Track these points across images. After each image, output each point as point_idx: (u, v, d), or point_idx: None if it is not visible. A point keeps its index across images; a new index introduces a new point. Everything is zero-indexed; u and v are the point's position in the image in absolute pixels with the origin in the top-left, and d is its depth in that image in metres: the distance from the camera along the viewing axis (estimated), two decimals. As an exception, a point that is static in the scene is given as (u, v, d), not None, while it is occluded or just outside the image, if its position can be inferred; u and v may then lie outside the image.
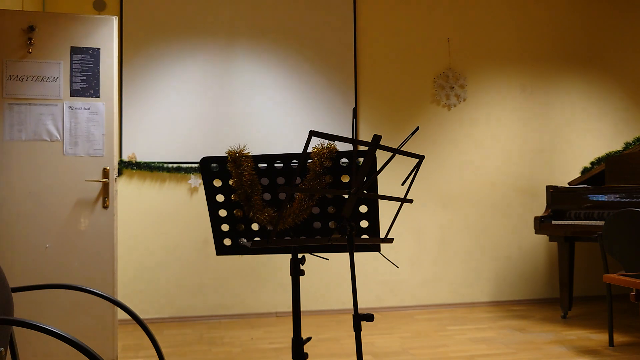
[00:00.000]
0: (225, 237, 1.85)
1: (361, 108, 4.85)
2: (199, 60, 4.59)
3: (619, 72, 5.40)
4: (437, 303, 4.90)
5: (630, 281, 2.64)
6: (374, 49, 4.92)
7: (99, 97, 3.29)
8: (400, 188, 4.74)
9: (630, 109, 5.41)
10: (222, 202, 1.82)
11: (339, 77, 4.82)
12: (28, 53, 3.20)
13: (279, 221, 1.64)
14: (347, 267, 4.61)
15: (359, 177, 1.64)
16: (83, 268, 3.21)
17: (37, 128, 3.21)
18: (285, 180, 1.78)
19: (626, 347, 3.46)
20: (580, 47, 5.34)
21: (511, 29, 5.20)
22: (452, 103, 5.03)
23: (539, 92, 5.23)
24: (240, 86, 4.62)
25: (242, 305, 4.54)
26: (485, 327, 4.10)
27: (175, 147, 4.51)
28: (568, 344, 3.56)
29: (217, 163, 1.82)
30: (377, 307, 4.75)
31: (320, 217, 1.79)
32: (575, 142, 5.27)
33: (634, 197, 3.89)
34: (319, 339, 3.81)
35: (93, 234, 3.24)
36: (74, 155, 3.24)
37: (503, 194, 5.09)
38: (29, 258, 3.15)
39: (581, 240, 4.28)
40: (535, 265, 5.12)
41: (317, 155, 1.73)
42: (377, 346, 3.60)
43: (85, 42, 3.29)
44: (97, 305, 3.19)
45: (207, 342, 3.79)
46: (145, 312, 4.36)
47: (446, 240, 4.96)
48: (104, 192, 3.26)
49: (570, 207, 4.28)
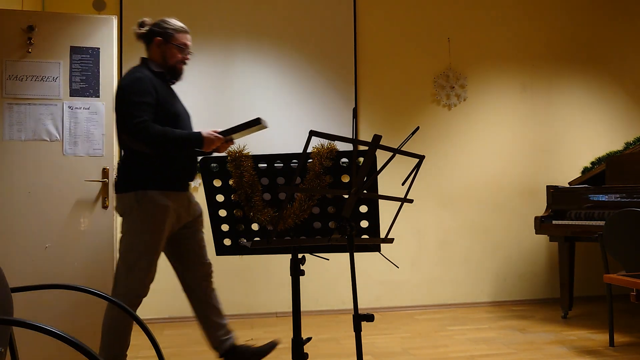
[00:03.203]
0: (225, 237, 1.85)
1: (361, 108, 4.84)
2: (199, 60, 4.59)
3: (619, 72, 5.39)
4: (437, 303, 4.90)
5: (631, 281, 2.64)
6: (374, 49, 4.92)
7: (99, 97, 3.28)
8: (401, 188, 4.73)
9: (630, 109, 5.40)
10: (222, 202, 1.82)
11: (339, 77, 4.81)
12: (28, 53, 3.20)
13: (279, 221, 1.64)
14: (347, 267, 4.61)
15: (359, 177, 1.63)
16: (83, 268, 3.20)
17: (37, 128, 3.20)
18: (285, 181, 1.77)
19: (626, 347, 3.46)
20: (580, 47, 5.33)
21: (511, 29, 5.19)
22: (452, 103, 5.03)
23: (539, 92, 5.23)
24: (240, 86, 4.62)
25: (242, 305, 4.54)
26: (485, 327, 4.10)
27: (175, 147, 4.50)
28: (568, 344, 3.56)
29: (217, 163, 1.82)
30: (377, 307, 4.74)
31: (321, 217, 1.79)
32: (575, 142, 5.26)
33: (634, 197, 3.89)
34: (319, 339, 3.81)
35: (93, 234, 3.23)
36: (73, 155, 3.24)
37: (503, 194, 5.08)
38: (29, 258, 3.14)
39: (581, 240, 4.28)
40: (536, 265, 5.12)
41: (317, 155, 1.73)
42: (377, 346, 3.59)
43: (85, 42, 3.29)
44: (97, 305, 3.18)
45: (207, 342, 3.78)
46: (145, 312, 4.36)
47: (446, 240, 4.96)
48: (104, 192, 3.25)
49: (570, 207, 4.28)
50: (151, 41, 2.78)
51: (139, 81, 2.59)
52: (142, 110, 2.51)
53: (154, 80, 2.65)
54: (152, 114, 2.55)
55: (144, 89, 2.56)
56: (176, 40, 2.75)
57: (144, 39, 2.82)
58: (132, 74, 2.65)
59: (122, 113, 2.59)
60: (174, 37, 2.75)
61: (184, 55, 2.78)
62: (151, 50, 2.79)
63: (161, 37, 2.75)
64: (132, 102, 2.53)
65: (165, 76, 2.76)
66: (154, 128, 2.50)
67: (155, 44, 2.76)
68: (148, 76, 2.64)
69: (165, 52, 2.75)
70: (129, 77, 2.64)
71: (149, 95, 2.56)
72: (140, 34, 2.82)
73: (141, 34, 2.81)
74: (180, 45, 2.76)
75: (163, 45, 2.75)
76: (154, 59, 2.77)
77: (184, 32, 2.80)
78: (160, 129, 2.52)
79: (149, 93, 2.57)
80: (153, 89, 2.60)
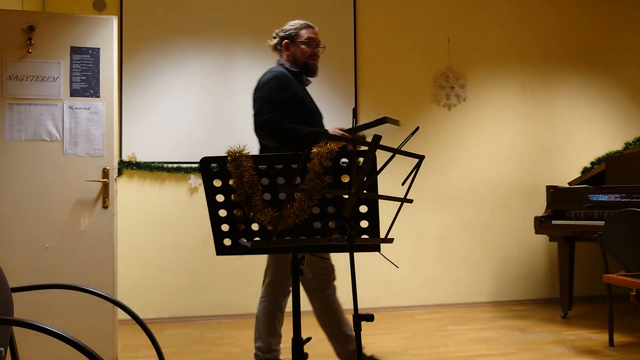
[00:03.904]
0: (225, 237, 1.85)
1: (361, 108, 4.84)
2: (199, 60, 4.59)
3: (619, 72, 5.40)
4: (437, 303, 4.90)
5: (631, 281, 2.63)
6: (374, 49, 4.92)
7: (99, 97, 3.28)
8: (400, 188, 4.73)
9: (630, 109, 5.41)
10: (222, 202, 1.82)
11: (339, 77, 4.82)
12: (28, 53, 3.20)
13: (279, 221, 1.64)
14: (347, 267, 4.60)
15: (359, 177, 1.64)
16: (83, 268, 3.20)
17: (37, 128, 3.20)
18: (286, 181, 1.77)
19: (626, 347, 3.46)
20: (580, 47, 5.33)
21: (511, 29, 5.19)
22: (452, 103, 5.03)
23: (539, 92, 5.23)
24: (240, 86, 4.62)
25: (242, 305, 4.54)
26: (485, 327, 4.10)
27: (175, 147, 4.50)
28: (568, 344, 3.56)
29: (217, 163, 1.81)
30: (377, 307, 4.74)
31: (320, 217, 1.79)
32: (575, 142, 5.26)
33: (634, 197, 3.89)
34: (319, 339, 3.81)
35: (93, 234, 3.23)
36: (73, 155, 3.24)
37: (503, 194, 5.08)
38: (29, 258, 3.15)
39: (581, 240, 4.28)
40: (535, 265, 5.12)
41: (317, 155, 1.73)
42: (377, 346, 3.59)
43: (85, 42, 3.29)
44: (97, 305, 3.18)
45: (207, 342, 3.79)
46: (145, 312, 4.36)
47: (446, 240, 4.96)
48: (104, 192, 3.26)
49: (570, 207, 4.28)
50: (281, 47, 2.85)
51: (276, 78, 2.68)
52: (273, 107, 2.62)
53: (290, 78, 2.73)
54: (284, 110, 2.63)
55: (279, 86, 2.67)
56: (300, 37, 2.80)
57: (276, 48, 2.89)
58: (270, 72, 2.74)
59: (256, 109, 2.69)
60: (298, 35, 2.80)
61: (312, 49, 2.81)
62: (283, 55, 2.86)
63: (287, 40, 2.82)
64: (266, 99, 2.64)
65: (300, 75, 2.81)
66: (283, 124, 2.59)
67: (284, 47, 2.83)
68: (285, 73, 2.73)
69: (295, 52, 2.80)
70: (267, 74, 2.73)
71: (283, 92, 2.66)
72: (273, 45, 2.89)
73: (273, 45, 2.88)
74: (306, 40, 2.79)
75: (291, 47, 2.81)
76: (288, 60, 2.83)
77: (307, 28, 2.83)
78: (288, 126, 2.60)
79: (283, 90, 2.67)
80: (289, 85, 2.69)
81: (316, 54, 2.83)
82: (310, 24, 2.86)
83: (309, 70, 2.83)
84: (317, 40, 2.84)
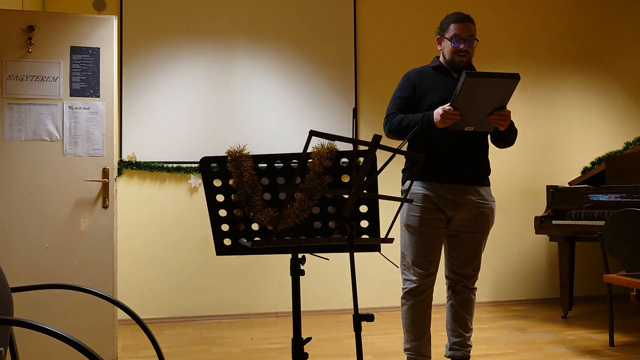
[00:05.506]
0: (225, 237, 1.85)
1: (361, 108, 4.84)
2: (199, 60, 4.59)
3: (619, 72, 5.39)
4: (437, 303, 4.89)
5: (631, 281, 2.63)
6: (374, 49, 4.91)
7: (99, 96, 3.28)
8: (400, 188, 4.72)
9: (630, 109, 5.40)
10: (222, 202, 1.82)
11: (339, 77, 4.81)
12: (28, 53, 3.20)
13: (279, 221, 1.64)
14: (347, 267, 4.61)
15: (359, 177, 1.64)
16: (83, 268, 3.20)
17: (37, 128, 3.20)
18: (286, 180, 1.77)
19: (626, 347, 3.46)
20: (580, 47, 5.33)
21: (511, 29, 5.19)
22: (452, 103, 5.02)
23: (539, 92, 5.23)
24: (240, 86, 4.62)
25: (242, 305, 4.54)
26: (485, 327, 4.10)
27: (175, 147, 4.50)
28: (568, 344, 3.56)
29: (217, 163, 1.81)
30: (377, 307, 4.74)
31: (321, 217, 1.79)
32: (575, 142, 5.26)
33: (634, 197, 3.89)
34: (319, 339, 3.81)
35: (93, 234, 3.24)
36: (73, 155, 3.24)
37: (503, 194, 5.08)
38: (29, 258, 3.15)
39: (581, 240, 4.27)
40: (536, 265, 5.12)
41: (317, 155, 1.73)
42: (377, 346, 3.59)
43: (85, 41, 3.29)
44: (97, 305, 3.18)
45: (207, 342, 3.79)
46: (145, 312, 4.36)
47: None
48: (104, 192, 3.26)
49: (570, 207, 4.28)
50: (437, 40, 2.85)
51: (403, 78, 2.83)
52: (392, 105, 2.76)
53: (422, 74, 2.77)
54: (403, 106, 2.73)
55: (401, 85, 2.80)
56: (448, 33, 2.74)
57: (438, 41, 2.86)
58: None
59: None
60: (447, 30, 2.75)
61: (457, 46, 2.70)
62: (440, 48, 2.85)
63: (439, 35, 2.82)
64: (391, 98, 2.80)
65: (445, 69, 2.78)
66: (393, 118, 2.70)
67: (437, 41, 2.84)
68: (413, 72, 2.81)
69: (443, 47, 2.79)
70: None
71: (404, 90, 2.77)
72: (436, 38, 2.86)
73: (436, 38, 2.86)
74: (452, 36, 2.71)
75: (442, 42, 2.80)
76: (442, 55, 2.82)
77: (455, 22, 2.72)
78: (397, 117, 2.68)
79: (404, 88, 2.77)
80: (412, 82, 2.76)
81: (463, 51, 2.70)
82: (462, 17, 2.74)
83: (453, 65, 2.73)
84: (464, 36, 2.69)
